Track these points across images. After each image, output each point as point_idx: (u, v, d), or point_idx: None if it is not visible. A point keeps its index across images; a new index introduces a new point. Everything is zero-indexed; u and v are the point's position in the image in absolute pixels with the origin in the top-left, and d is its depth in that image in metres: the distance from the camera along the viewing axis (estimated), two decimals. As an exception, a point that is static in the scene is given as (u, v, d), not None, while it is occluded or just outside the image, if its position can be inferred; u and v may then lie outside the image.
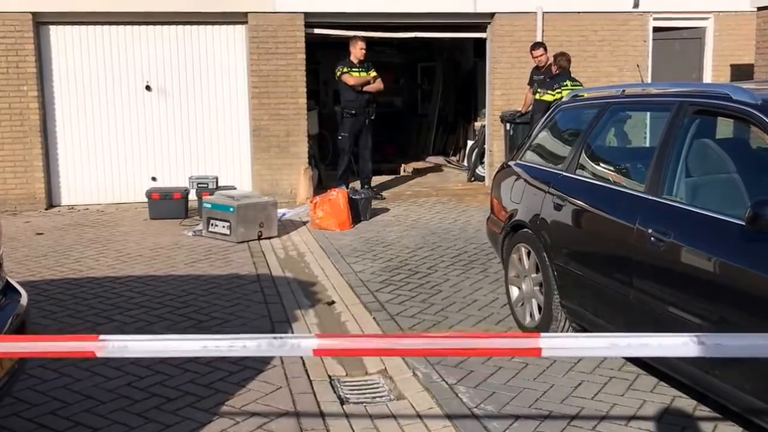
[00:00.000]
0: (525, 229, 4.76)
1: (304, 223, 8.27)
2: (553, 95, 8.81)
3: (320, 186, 10.10)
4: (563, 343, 2.03)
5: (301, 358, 4.30)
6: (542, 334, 2.02)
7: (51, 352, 2.13)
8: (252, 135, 9.80)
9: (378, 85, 9.54)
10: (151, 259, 6.76)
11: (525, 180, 4.99)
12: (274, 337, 2.00)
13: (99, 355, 2.07)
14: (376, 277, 6.13)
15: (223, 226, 7.45)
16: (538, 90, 9.10)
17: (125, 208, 9.38)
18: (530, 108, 9.56)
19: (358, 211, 8.32)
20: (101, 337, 2.09)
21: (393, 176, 11.89)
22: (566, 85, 8.86)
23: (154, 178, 9.71)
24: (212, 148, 9.85)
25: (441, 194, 10.21)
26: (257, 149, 9.80)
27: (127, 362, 4.23)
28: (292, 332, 4.82)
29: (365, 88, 9.43)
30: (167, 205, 8.56)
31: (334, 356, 4.38)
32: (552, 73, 9.25)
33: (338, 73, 9.45)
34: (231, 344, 2.00)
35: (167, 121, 9.70)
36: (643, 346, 1.98)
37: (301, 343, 2.01)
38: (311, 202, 8.16)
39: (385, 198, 9.87)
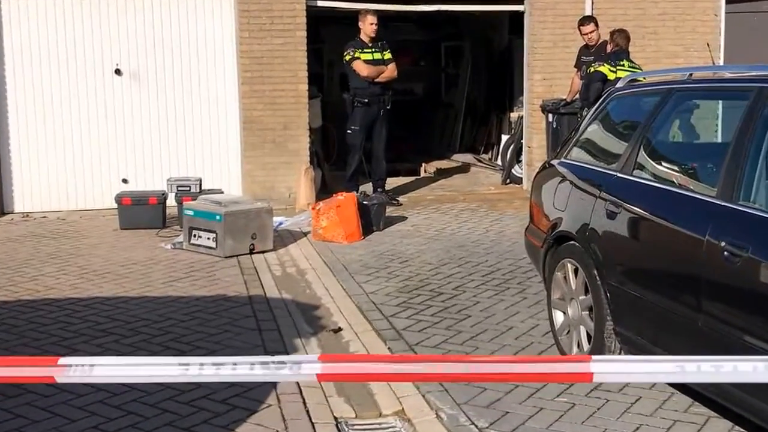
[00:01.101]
0: (571, 242, 4.77)
1: (305, 234, 8.31)
2: (614, 71, 8.78)
3: (324, 190, 10.14)
4: (619, 368, 2.03)
5: (302, 396, 4.32)
6: (594, 357, 2.03)
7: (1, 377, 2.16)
8: (242, 128, 9.87)
9: (390, 73, 9.59)
10: (121, 277, 6.82)
11: (571, 182, 5.00)
12: (272, 360, 2.01)
13: (59, 380, 2.10)
14: (392, 299, 6.15)
15: (208, 238, 7.50)
16: (592, 64, 9.09)
17: (91, 215, 9.47)
18: (577, 96, 9.57)
19: (369, 220, 8.36)
20: (62, 359, 2.12)
21: (412, 178, 11.93)
22: (623, 66, 8.87)
23: (125, 180, 9.79)
24: (195, 144, 9.92)
25: (469, 199, 10.23)
26: (249, 145, 9.87)
27: (91, 400, 4.27)
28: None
29: (378, 78, 9.49)
30: (141, 212, 8.64)
31: (341, 396, 4.40)
32: (605, 53, 9.26)
33: (348, 58, 9.50)
34: (218, 367, 2.02)
35: (141, 112, 9.79)
36: (717, 370, 1.96)
37: (302, 366, 2.02)
38: (313, 208, 8.20)
39: (402, 204, 9.90)
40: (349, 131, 9.68)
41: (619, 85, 5.24)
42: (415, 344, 5.17)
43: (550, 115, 9.99)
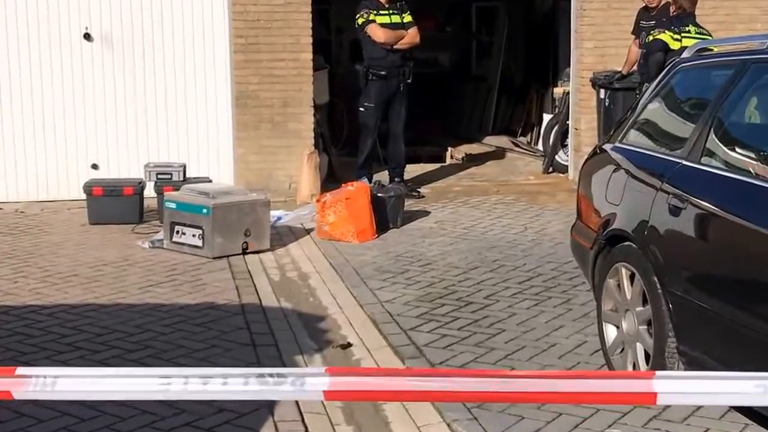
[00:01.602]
0: (627, 243, 4.76)
1: (308, 232, 8.33)
2: (678, 39, 8.73)
3: (331, 178, 10.16)
4: (688, 386, 2.01)
5: (304, 424, 4.33)
6: (658, 372, 2.02)
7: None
8: (235, 105, 9.89)
9: (411, 39, 9.59)
10: (90, 281, 6.84)
11: (627, 171, 4.99)
12: (270, 373, 2.00)
13: (17, 396, 2.08)
14: (411, 309, 6.15)
15: (194, 235, 7.53)
16: (652, 31, 9.05)
17: (54, 207, 9.51)
18: (635, 68, 9.53)
19: (385, 215, 8.36)
20: (20, 370, 2.11)
21: (436, 165, 11.93)
22: (689, 32, 8.82)
23: (95, 166, 9.84)
24: (178, 123, 9.96)
25: (505, 191, 10.22)
26: (242, 125, 9.89)
27: (54, 427, 4.29)
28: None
29: (397, 45, 9.49)
30: (114, 204, 8.68)
31: (351, 424, 4.40)
32: (668, 16, 9.22)
33: (360, 21, 9.52)
34: (205, 381, 2.01)
35: (114, 85, 9.82)
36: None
37: (306, 381, 2.01)
38: (319, 201, 8.22)
39: (424, 196, 9.90)
40: (361, 109, 9.68)
41: (684, 55, 5.22)
42: (439, 363, 5.17)
43: (602, 91, 9.95)
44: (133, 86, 9.84)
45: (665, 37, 8.85)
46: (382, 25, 9.46)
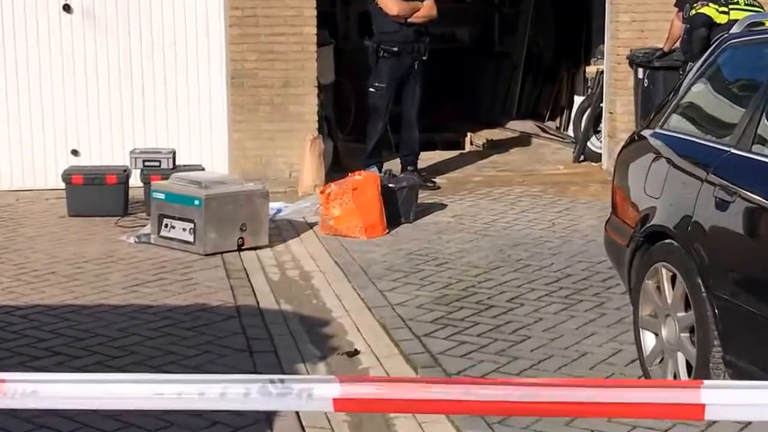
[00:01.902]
0: (668, 240, 4.75)
1: (311, 226, 8.33)
2: (725, 11, 8.68)
3: (337, 167, 10.15)
4: (742, 397, 1.98)
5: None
6: (706, 381, 2.00)
7: None
8: (230, 85, 9.89)
9: (427, 11, 9.57)
10: (70, 279, 6.85)
11: (669, 160, 4.98)
12: (271, 380, 1.99)
13: None
14: (426, 313, 6.15)
15: (184, 229, 7.53)
16: (694, 5, 9.00)
17: (30, 197, 9.52)
18: (678, 44, 9.50)
19: (397, 208, 8.36)
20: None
21: (454, 152, 11.90)
22: (737, 4, 8.78)
23: (75, 152, 9.85)
24: (167, 105, 9.96)
25: (531, 182, 10.20)
26: (238, 108, 9.89)
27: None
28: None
29: (411, 18, 9.48)
30: (96, 194, 8.68)
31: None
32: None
33: (372, -9, 9.53)
34: (202, 389, 2.01)
35: (97, 62, 9.82)
36: None
37: (314, 389, 2.00)
38: (323, 192, 8.21)
39: (440, 187, 9.89)
40: (371, 89, 9.67)
41: (733, 30, 5.20)
42: (456, 373, 5.17)
43: (641, 71, 9.92)
44: (117, 64, 9.83)
45: (709, 10, 8.80)
46: (395, -5, 9.46)
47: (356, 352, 5.50)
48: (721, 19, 8.67)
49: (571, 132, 12.13)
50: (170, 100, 9.94)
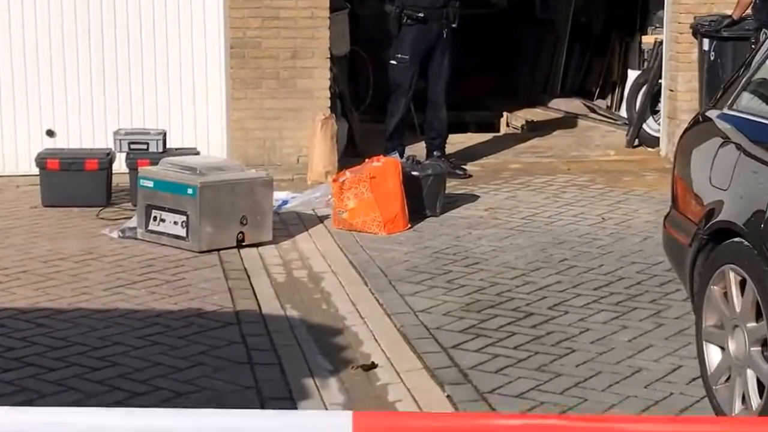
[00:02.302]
0: (737, 239, 4.72)
1: (322, 220, 8.33)
2: None
3: (352, 151, 10.14)
4: None
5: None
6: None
7: None
8: (228, 56, 9.89)
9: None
10: (44, 279, 6.87)
11: (739, 146, 4.95)
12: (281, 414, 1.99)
13: None
14: (454, 321, 6.13)
15: (176, 222, 7.54)
16: None
17: (-2, 185, 9.57)
18: (749, 11, 9.44)
19: (421, 199, 8.35)
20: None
21: (488, 135, 11.90)
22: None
23: (50, 133, 9.87)
24: (157, 79, 9.97)
25: (577, 170, 10.18)
26: (238, 83, 9.89)
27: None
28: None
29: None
30: (74, 181, 8.69)
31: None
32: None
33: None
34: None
35: (76, 29, 9.82)
36: None
37: (327, 425, 1.98)
38: (335, 181, 8.21)
39: (471, 175, 9.89)
40: (393, 62, 9.66)
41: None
42: (489, 391, 5.16)
43: (706, 42, 9.87)
44: (99, 31, 9.84)
45: None
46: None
47: (373, 366, 5.48)
48: None
49: (624, 112, 12.08)
50: (160, 74, 9.95)
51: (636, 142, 11.08)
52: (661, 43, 10.94)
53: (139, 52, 9.90)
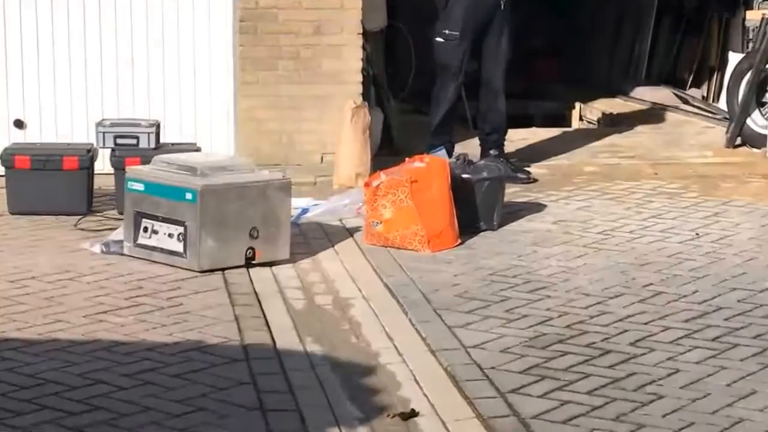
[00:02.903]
0: None
1: (351, 234, 8.35)
2: None
3: (388, 148, 10.16)
4: None
5: None
6: None
7: None
8: (237, 32, 9.92)
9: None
10: (12, 303, 6.87)
11: None
12: None
13: None
14: (514, 360, 6.12)
15: (171, 235, 7.56)
16: None
17: (-46, 187, 9.60)
18: None
19: (474, 209, 8.37)
20: None
21: (556, 130, 11.89)
22: None
23: (19, 123, 9.93)
24: (149, 58, 10.02)
25: (666, 174, 10.17)
26: (249, 63, 9.92)
27: None
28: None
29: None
30: (48, 183, 8.72)
31: None
32: None
33: None
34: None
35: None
36: None
37: None
38: (368, 185, 8.21)
39: (537, 180, 9.90)
40: (439, 39, 9.69)
41: None
42: (558, 449, 5.17)
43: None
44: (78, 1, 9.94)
45: None
46: None
47: (414, 414, 5.47)
48: None
49: (723, 104, 12.06)
50: (153, 53, 10.01)
51: (738, 140, 11.05)
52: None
53: (128, 25, 9.95)
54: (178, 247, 7.53)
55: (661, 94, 13.17)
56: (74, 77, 9.94)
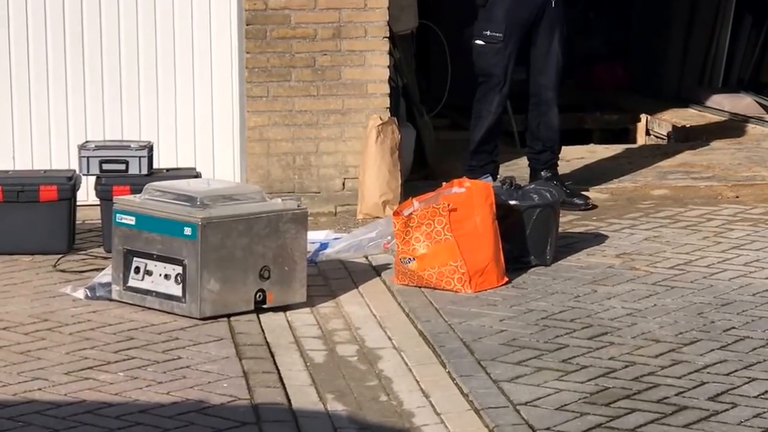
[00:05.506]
0: None
1: (379, 272, 8.38)
2: None
3: (422, 171, 10.16)
4: None
5: None
6: None
7: None
8: (243, 35, 9.96)
9: None
10: (-20, 358, 6.93)
11: None
12: None
13: None
14: (573, 418, 6.11)
15: (168, 276, 7.59)
16: None
17: None
18: None
19: (523, 241, 8.40)
20: None
21: (618, 147, 11.89)
22: None
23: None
24: (141, 70, 10.07)
25: (749, 198, 10.22)
26: (257, 74, 9.96)
27: None
28: None
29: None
30: (23, 216, 8.78)
31: None
32: None
33: None
34: None
35: (27, 4, 9.98)
36: None
37: None
38: (398, 214, 8.22)
39: (596, 206, 9.93)
40: (480, 42, 9.72)
41: None
42: None
43: None
44: (59, 2, 9.95)
45: None
46: None
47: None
48: None
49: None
50: (146, 63, 10.05)
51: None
52: None
53: (115, 31, 10.00)
54: (176, 290, 7.55)
55: (742, 103, 13.17)
56: (54, 93, 9.98)
